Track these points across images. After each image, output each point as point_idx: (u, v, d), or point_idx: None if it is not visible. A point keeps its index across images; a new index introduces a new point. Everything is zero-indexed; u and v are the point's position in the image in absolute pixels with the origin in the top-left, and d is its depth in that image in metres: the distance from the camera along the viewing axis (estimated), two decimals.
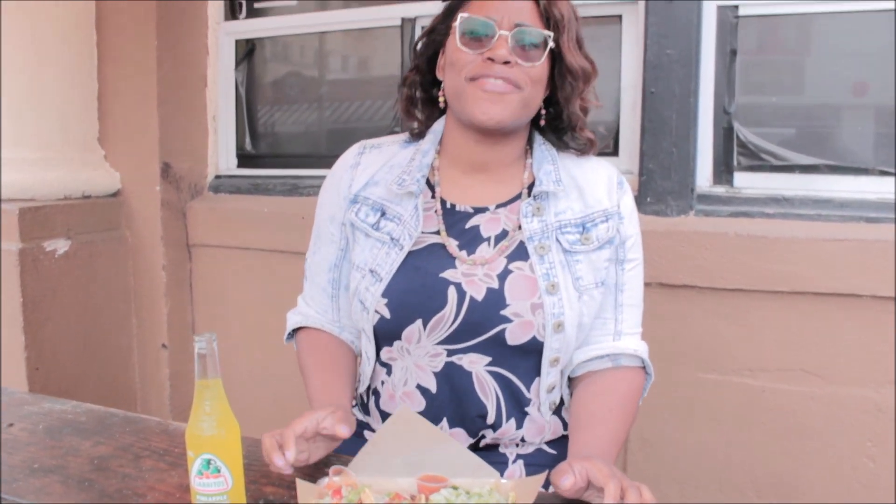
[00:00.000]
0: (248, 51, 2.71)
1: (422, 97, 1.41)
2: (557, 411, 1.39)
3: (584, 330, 1.31)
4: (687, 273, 1.90)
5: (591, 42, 2.13)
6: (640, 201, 1.98)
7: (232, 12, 2.70)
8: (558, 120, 1.36)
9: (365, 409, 1.45)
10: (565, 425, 1.40)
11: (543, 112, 1.35)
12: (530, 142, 1.38)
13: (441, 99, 1.35)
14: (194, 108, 2.66)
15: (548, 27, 1.25)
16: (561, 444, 1.40)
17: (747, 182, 1.97)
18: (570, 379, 1.39)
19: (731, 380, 1.92)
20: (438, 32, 1.33)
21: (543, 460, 1.38)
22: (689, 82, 1.90)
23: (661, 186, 1.95)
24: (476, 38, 1.24)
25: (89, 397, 2.08)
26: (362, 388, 1.43)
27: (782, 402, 1.87)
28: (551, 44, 1.25)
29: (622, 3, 2.05)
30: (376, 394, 1.40)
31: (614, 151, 2.11)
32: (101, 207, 2.51)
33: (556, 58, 1.28)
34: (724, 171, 1.98)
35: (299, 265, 1.52)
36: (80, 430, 1.41)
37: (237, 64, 2.72)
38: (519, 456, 1.37)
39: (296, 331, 1.50)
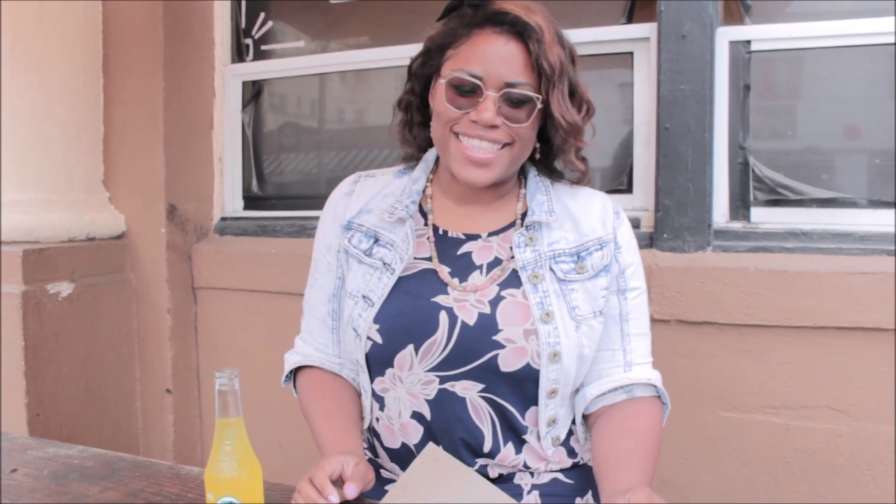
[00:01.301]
0: (254, 93, 2.71)
1: (417, 121, 1.39)
2: (565, 442, 1.35)
3: (586, 362, 1.29)
4: (707, 310, 1.86)
5: (603, 80, 2.16)
6: (657, 238, 1.96)
7: (239, 54, 2.70)
8: (550, 153, 1.35)
9: (373, 450, 1.41)
10: (572, 455, 1.36)
11: (538, 145, 1.33)
12: (524, 171, 1.38)
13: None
14: (200, 149, 2.65)
15: (539, 78, 1.22)
16: (576, 473, 1.37)
17: (764, 217, 1.95)
18: (585, 416, 1.35)
19: (754, 418, 1.87)
20: (430, 66, 1.31)
21: (560, 489, 1.34)
22: (704, 117, 1.89)
23: (677, 223, 1.93)
24: (463, 96, 1.23)
25: (91, 444, 2.02)
26: (364, 425, 1.39)
27: (808, 440, 1.83)
28: (539, 105, 1.23)
29: (633, 40, 2.06)
30: (376, 434, 1.37)
31: (628, 188, 2.09)
32: (106, 250, 2.48)
33: (547, 108, 1.25)
34: (740, 206, 1.96)
35: None
36: (88, 475, 1.36)
37: (244, 106, 2.71)
38: (534, 486, 1.33)
39: (295, 373, 1.46)
